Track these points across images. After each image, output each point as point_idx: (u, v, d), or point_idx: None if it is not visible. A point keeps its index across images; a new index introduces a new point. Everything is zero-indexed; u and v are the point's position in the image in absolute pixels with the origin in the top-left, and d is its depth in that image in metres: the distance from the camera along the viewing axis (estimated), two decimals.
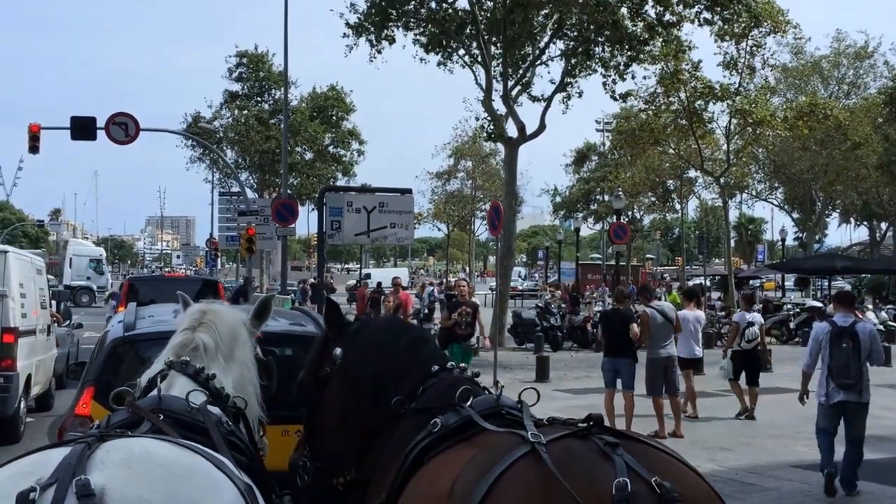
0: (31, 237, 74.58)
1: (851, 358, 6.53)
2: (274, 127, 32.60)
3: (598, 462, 1.83)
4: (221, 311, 2.74)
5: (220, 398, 2.44)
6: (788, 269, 31.19)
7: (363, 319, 3.17)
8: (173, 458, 1.81)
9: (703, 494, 1.88)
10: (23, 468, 1.74)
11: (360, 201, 13.06)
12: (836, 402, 6.61)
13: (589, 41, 20.10)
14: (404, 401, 2.42)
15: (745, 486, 7.03)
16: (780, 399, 11.24)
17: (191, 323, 2.64)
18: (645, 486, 1.76)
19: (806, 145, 30.60)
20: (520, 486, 1.83)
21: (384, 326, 2.84)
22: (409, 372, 2.53)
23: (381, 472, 2.30)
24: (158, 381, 2.36)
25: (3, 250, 9.27)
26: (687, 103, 22.76)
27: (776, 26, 22.20)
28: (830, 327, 6.78)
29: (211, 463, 1.86)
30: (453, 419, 2.21)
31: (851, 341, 6.57)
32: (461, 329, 10.94)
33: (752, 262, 55.32)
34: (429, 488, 2.02)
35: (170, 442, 1.90)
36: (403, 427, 2.36)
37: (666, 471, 1.83)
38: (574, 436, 1.95)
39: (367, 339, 2.67)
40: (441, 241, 54.17)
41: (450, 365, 2.59)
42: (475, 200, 40.70)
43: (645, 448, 1.92)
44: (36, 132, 19.32)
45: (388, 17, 19.74)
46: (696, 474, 1.94)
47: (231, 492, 1.83)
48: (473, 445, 2.06)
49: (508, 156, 21.48)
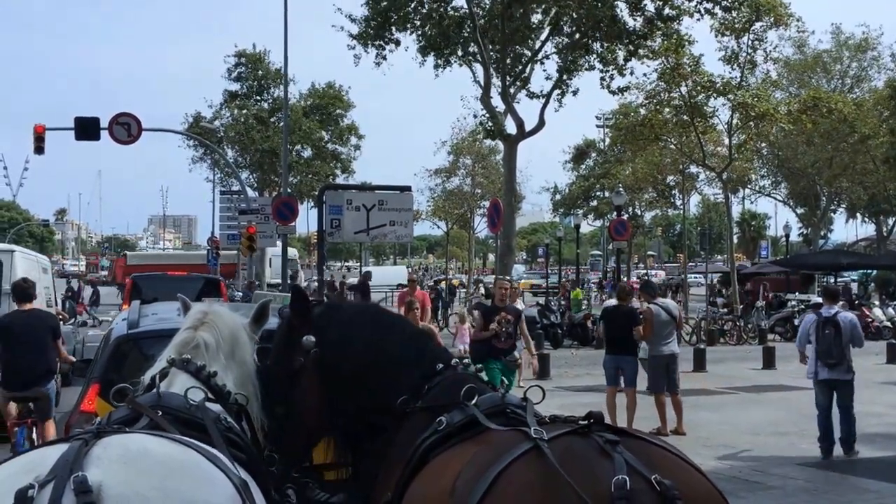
0: (36, 237, 74.78)
1: (833, 343, 7.93)
2: (273, 126, 32.63)
3: (597, 460, 1.83)
4: (222, 311, 2.77)
5: (222, 395, 2.46)
6: (793, 265, 31.11)
7: (331, 305, 2.90)
8: (169, 454, 1.82)
9: (704, 492, 1.87)
10: (21, 466, 1.76)
11: (360, 199, 13.03)
12: (823, 379, 8.03)
13: (587, 37, 20.08)
14: (410, 399, 2.42)
15: (749, 485, 7.01)
16: (783, 396, 11.24)
17: (193, 322, 2.68)
18: (645, 483, 1.76)
19: (810, 139, 30.47)
20: (521, 482, 1.83)
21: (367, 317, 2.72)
22: (413, 370, 2.52)
23: (387, 471, 2.31)
24: (157, 380, 2.38)
25: (9, 249, 9.37)
26: (688, 98, 22.70)
27: (778, 19, 22.13)
28: (817, 317, 8.14)
29: (206, 458, 1.87)
30: (458, 417, 2.22)
31: (834, 329, 7.96)
32: (500, 341, 8.85)
33: (756, 258, 55.23)
34: (432, 486, 2.03)
35: (166, 438, 1.91)
36: (409, 425, 2.36)
37: (666, 468, 1.82)
38: (574, 433, 1.95)
39: (351, 331, 2.60)
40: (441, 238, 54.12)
41: (454, 362, 2.59)
42: (475, 198, 40.67)
43: (645, 445, 1.92)
44: (41, 133, 19.36)
45: (389, 20, 19.76)
46: (698, 471, 1.93)
47: (226, 486, 1.84)
48: (477, 443, 2.07)
49: (508, 153, 21.47)
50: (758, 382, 13.45)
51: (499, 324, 8.83)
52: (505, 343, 8.89)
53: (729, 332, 21.43)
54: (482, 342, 8.97)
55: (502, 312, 8.97)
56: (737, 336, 21.17)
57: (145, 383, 2.45)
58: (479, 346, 9.08)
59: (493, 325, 8.83)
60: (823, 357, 7.99)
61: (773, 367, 15.05)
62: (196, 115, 34.78)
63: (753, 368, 15.30)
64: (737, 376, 14.19)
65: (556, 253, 48.43)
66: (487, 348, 8.81)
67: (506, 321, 8.88)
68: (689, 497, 1.77)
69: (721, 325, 21.88)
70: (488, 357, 8.62)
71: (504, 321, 8.86)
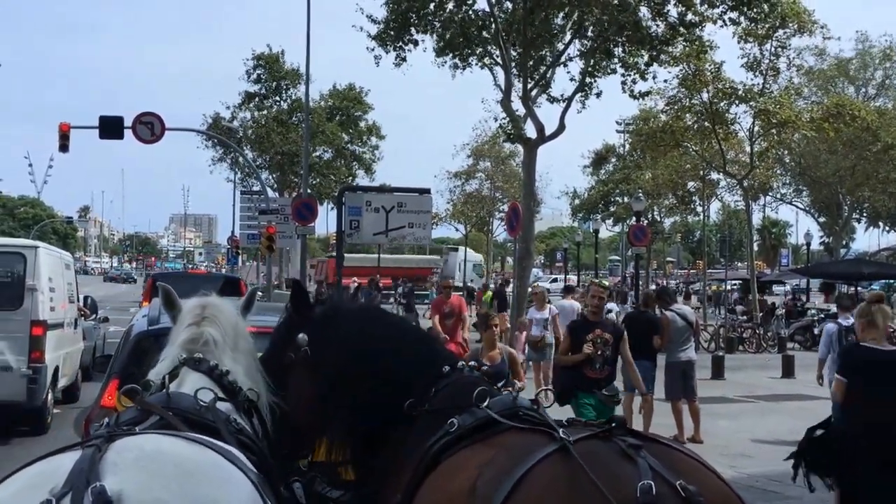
0: (59, 234, 75.82)
1: None
2: (293, 127, 32.81)
3: (621, 464, 1.82)
4: (219, 303, 2.70)
5: (234, 394, 2.40)
6: (813, 273, 30.76)
7: (333, 304, 2.80)
8: (186, 455, 1.78)
9: (726, 499, 1.86)
10: (33, 479, 1.68)
11: (379, 201, 13.09)
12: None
13: (608, 41, 20.01)
14: (417, 403, 2.40)
15: (766, 494, 6.94)
16: (802, 406, 11.12)
17: (194, 318, 2.60)
18: (669, 488, 1.75)
19: (833, 148, 30.15)
20: (547, 484, 1.82)
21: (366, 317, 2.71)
22: (418, 373, 2.49)
23: (396, 473, 2.29)
24: (167, 380, 2.33)
25: (33, 246, 9.49)
26: (709, 104, 22.54)
27: (802, 26, 21.93)
28: (837, 326, 8.95)
29: (223, 457, 1.84)
30: (470, 420, 2.21)
31: (854, 336, 8.53)
32: (595, 369, 6.71)
33: (776, 266, 54.64)
34: (446, 487, 2.01)
35: (180, 438, 1.87)
36: (417, 428, 2.34)
37: (690, 474, 1.82)
38: (596, 437, 1.94)
39: (346, 332, 2.59)
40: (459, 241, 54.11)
41: (460, 364, 2.57)
42: (494, 201, 40.63)
43: (668, 450, 1.92)
44: (66, 131, 19.62)
45: (409, 21, 19.82)
46: (720, 478, 1.93)
47: (246, 485, 1.82)
48: (492, 445, 2.06)
49: (527, 157, 21.41)
50: (776, 391, 13.32)
51: (593, 345, 6.72)
52: (601, 371, 6.74)
53: (748, 340, 21.24)
54: (570, 369, 6.86)
55: (597, 330, 6.82)
56: (756, 344, 20.98)
57: (154, 382, 2.40)
58: (566, 374, 6.91)
59: (586, 348, 6.69)
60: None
61: (793, 375, 14.90)
62: (215, 115, 35.11)
63: (772, 377, 15.16)
64: (755, 384, 14.07)
65: (575, 257, 48.25)
66: (577, 378, 6.71)
67: (603, 342, 6.77)
68: (712, 503, 1.77)
69: (740, 333, 21.68)
70: (578, 389, 6.62)
71: (600, 341, 6.76)
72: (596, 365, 6.70)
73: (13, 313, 8.78)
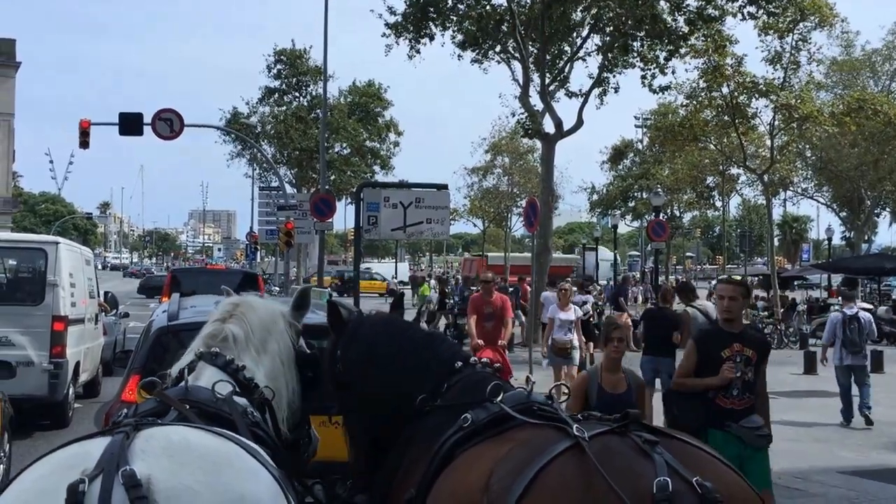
0: (80, 229, 76.76)
1: (857, 335, 10.13)
2: (312, 123, 32.89)
3: (637, 460, 1.81)
4: (255, 303, 2.74)
5: (249, 389, 2.43)
6: (835, 268, 30.41)
7: (359, 319, 2.86)
8: (211, 447, 1.82)
9: (744, 495, 1.84)
10: (65, 460, 1.74)
11: (397, 196, 13.09)
12: (846, 364, 10.12)
13: (627, 35, 19.86)
14: (429, 398, 2.40)
15: (790, 492, 6.87)
16: (824, 403, 11.00)
17: (222, 314, 2.66)
18: (686, 485, 1.73)
19: (854, 142, 29.72)
20: (562, 480, 1.80)
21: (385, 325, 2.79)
22: (430, 370, 2.50)
23: (409, 469, 2.29)
24: (186, 373, 2.38)
25: (54, 241, 9.58)
26: (730, 98, 22.31)
27: (823, 20, 21.63)
28: (842, 315, 10.26)
29: (245, 450, 1.88)
30: (483, 415, 2.20)
31: (857, 324, 10.13)
32: (732, 397, 4.78)
33: (797, 261, 54.05)
34: (461, 481, 2.00)
35: (204, 430, 1.91)
36: (430, 424, 2.34)
37: (706, 470, 1.80)
38: (612, 432, 1.92)
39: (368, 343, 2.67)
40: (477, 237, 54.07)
41: (472, 360, 2.56)
42: (512, 197, 40.50)
43: (684, 446, 1.89)
44: (86, 128, 19.86)
45: (427, 15, 19.80)
46: (737, 474, 1.90)
47: (268, 478, 1.85)
48: (507, 440, 2.04)
49: (545, 152, 21.34)
50: (798, 388, 13.18)
51: (733, 364, 4.79)
52: (739, 401, 4.80)
53: (770, 336, 21.01)
54: (694, 398, 4.87)
55: (736, 344, 4.84)
56: (777, 340, 20.77)
57: (173, 376, 2.44)
58: (689, 404, 4.89)
59: (725, 369, 4.75)
60: (849, 346, 10.05)
61: (815, 372, 14.70)
62: (233, 111, 35.30)
63: (794, 373, 15.00)
64: (777, 381, 13.84)
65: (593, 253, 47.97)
66: (705, 409, 4.80)
67: (744, 360, 4.82)
68: (729, 499, 1.75)
69: (762, 329, 21.46)
70: (708, 425, 4.74)
71: (741, 359, 4.81)
72: (734, 391, 4.77)
73: (35, 308, 8.89)
